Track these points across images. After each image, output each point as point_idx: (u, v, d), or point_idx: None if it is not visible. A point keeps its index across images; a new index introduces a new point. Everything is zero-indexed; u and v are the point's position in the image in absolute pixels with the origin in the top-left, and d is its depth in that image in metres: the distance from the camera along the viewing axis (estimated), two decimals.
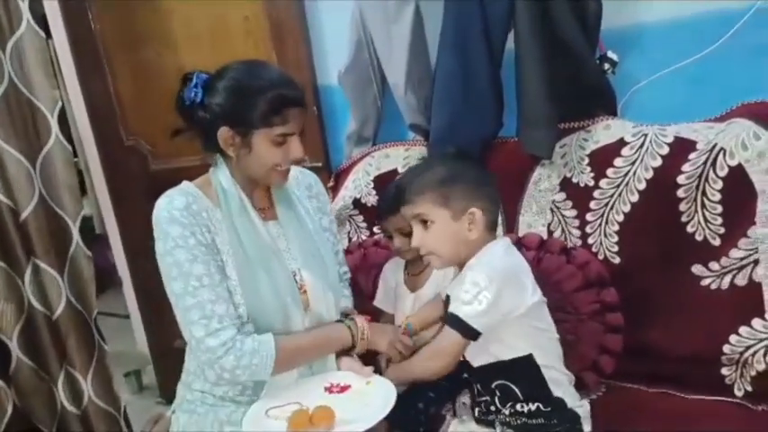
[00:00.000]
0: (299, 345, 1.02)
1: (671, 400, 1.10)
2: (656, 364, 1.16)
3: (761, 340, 1.06)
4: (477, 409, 1.02)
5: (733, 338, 1.08)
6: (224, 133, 0.99)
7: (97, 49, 1.91)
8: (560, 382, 0.96)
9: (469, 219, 0.98)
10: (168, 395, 2.21)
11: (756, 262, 1.07)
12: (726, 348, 1.09)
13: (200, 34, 1.76)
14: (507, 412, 0.96)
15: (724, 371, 1.10)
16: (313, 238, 1.13)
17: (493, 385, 0.97)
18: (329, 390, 1.02)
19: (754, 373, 1.06)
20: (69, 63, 1.98)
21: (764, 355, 1.05)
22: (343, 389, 1.01)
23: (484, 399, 1.00)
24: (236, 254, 1.02)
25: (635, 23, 1.28)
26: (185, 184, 1.07)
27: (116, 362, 1.81)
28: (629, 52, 1.27)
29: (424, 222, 1.00)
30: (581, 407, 0.97)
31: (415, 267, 1.30)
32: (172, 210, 1.00)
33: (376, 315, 1.37)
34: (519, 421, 0.95)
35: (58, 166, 1.59)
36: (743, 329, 1.07)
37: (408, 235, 1.21)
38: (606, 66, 1.26)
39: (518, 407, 0.95)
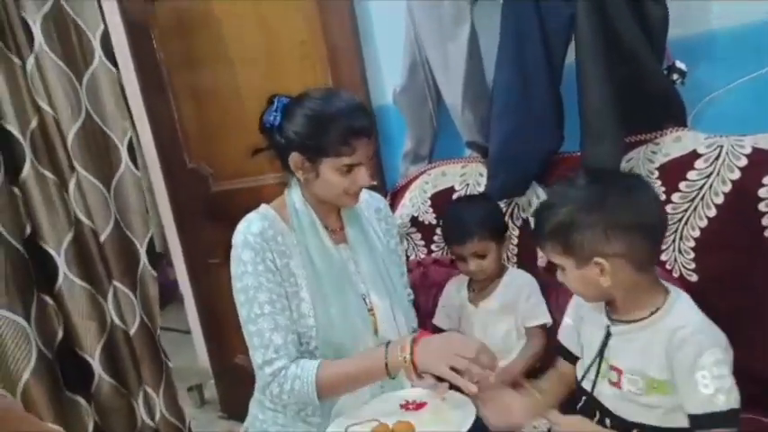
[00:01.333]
0: (341, 371, 1.01)
1: (758, 424, 1.03)
2: (741, 387, 1.09)
3: None
4: None
5: None
6: (295, 158, 1.04)
7: (161, 76, 2.01)
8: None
9: (598, 268, 0.87)
10: (230, 409, 2.27)
11: None
12: None
13: (257, 59, 1.82)
14: None
15: None
16: (382, 260, 1.15)
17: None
18: (405, 407, 1.02)
19: None
20: (136, 91, 2.10)
21: None
22: (419, 406, 1.02)
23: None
24: (308, 276, 1.06)
25: (704, 31, 1.23)
26: (263, 207, 1.12)
27: (178, 376, 1.88)
28: (700, 61, 1.22)
29: (558, 267, 0.93)
30: None
31: (480, 283, 1.30)
32: (248, 234, 1.05)
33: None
34: None
35: (129, 191, 1.69)
36: None
37: (482, 257, 1.24)
38: (675, 76, 1.21)
39: None
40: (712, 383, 0.79)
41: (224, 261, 1.14)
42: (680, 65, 1.20)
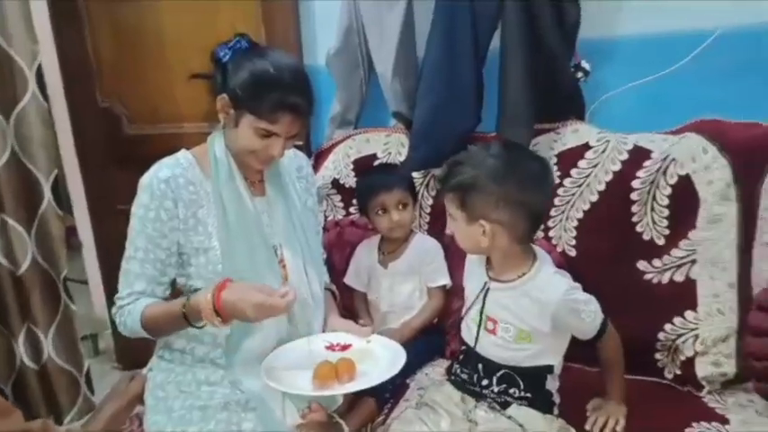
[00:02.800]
0: (157, 311, 1.04)
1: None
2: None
3: (691, 330, 1.20)
4: (460, 378, 1.09)
5: (667, 327, 1.22)
6: (223, 100, 1.05)
7: (76, 2, 1.85)
8: (554, 378, 1.06)
9: (481, 229, 0.99)
10: (125, 360, 2.21)
11: (694, 261, 1.21)
12: (660, 336, 1.23)
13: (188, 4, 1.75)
14: (496, 390, 1.04)
15: (657, 356, 1.24)
16: (299, 216, 1.18)
17: (499, 373, 1.04)
18: (331, 348, 1.07)
19: (683, 358, 1.20)
20: (44, 14, 1.91)
21: (693, 343, 1.19)
22: (345, 347, 1.07)
23: (477, 375, 1.06)
24: (219, 224, 1.07)
25: (608, 37, 1.39)
26: (182, 153, 1.12)
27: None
28: (601, 63, 1.38)
29: (451, 216, 1.05)
30: (558, 396, 1.06)
31: (390, 246, 1.40)
32: (154, 178, 1.06)
33: (348, 293, 1.45)
34: (502, 399, 1.04)
35: (33, 121, 1.56)
36: (677, 320, 1.21)
37: (405, 206, 1.36)
38: (579, 74, 1.36)
39: (510, 390, 1.03)
40: (590, 314, 1.02)
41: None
42: (585, 64, 1.35)
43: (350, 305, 1.47)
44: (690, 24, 1.30)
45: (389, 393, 1.18)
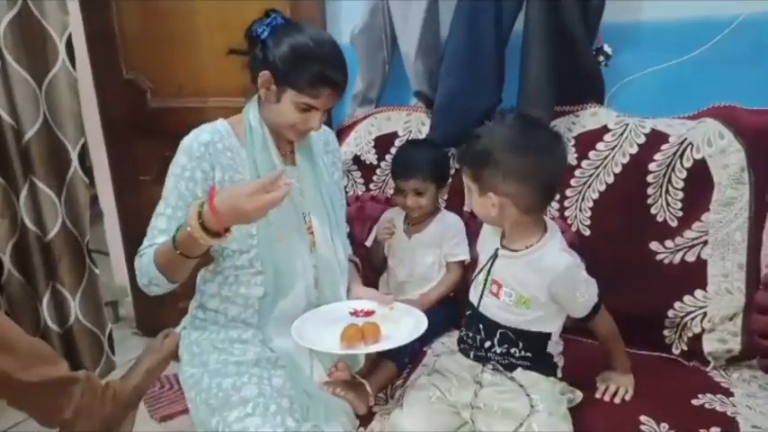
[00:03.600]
0: (162, 251, 1.02)
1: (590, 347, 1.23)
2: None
3: (700, 308, 1.25)
4: (467, 344, 1.14)
5: (677, 305, 1.27)
6: (265, 76, 1.08)
7: None
8: (556, 343, 1.10)
9: (490, 201, 1.03)
10: (145, 326, 2.28)
11: (705, 243, 1.25)
12: (669, 313, 1.27)
13: None
14: (499, 351, 1.08)
15: (665, 332, 1.29)
16: (326, 187, 1.23)
17: (499, 333, 1.08)
18: (356, 314, 1.12)
19: (690, 334, 1.25)
20: None
21: (701, 321, 1.24)
22: (368, 314, 1.12)
23: (480, 337, 1.11)
24: None
25: (631, 21, 1.41)
26: (220, 121, 1.17)
27: None
28: (622, 48, 1.41)
29: (468, 188, 1.09)
30: (561, 359, 1.12)
31: (416, 218, 1.44)
32: (194, 141, 1.10)
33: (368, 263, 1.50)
34: (507, 361, 1.08)
35: (63, 91, 1.61)
36: (686, 298, 1.26)
37: (421, 194, 1.38)
38: (601, 58, 1.39)
39: (512, 350, 1.08)
40: (584, 295, 1.05)
41: (156, 178, 1.16)
42: (607, 48, 1.38)
43: (372, 279, 1.51)
44: (712, 11, 1.32)
45: (408, 358, 1.24)
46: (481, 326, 1.11)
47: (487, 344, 1.10)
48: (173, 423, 1.42)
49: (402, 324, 1.09)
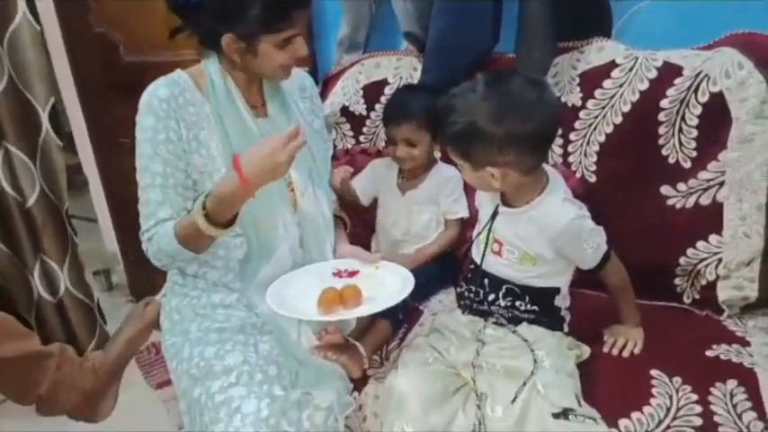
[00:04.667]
0: (184, 227, 0.96)
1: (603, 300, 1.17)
2: None
3: (715, 254, 1.17)
4: (468, 299, 1.08)
5: (690, 252, 1.19)
6: (228, 40, 0.96)
7: None
8: (564, 297, 1.04)
9: (489, 173, 0.94)
10: (138, 293, 2.23)
11: (722, 184, 1.16)
12: (681, 260, 1.20)
13: None
14: (503, 304, 1.02)
15: (677, 280, 1.22)
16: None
17: (504, 288, 1.02)
18: (338, 275, 1.05)
19: (704, 282, 1.18)
20: None
21: (716, 267, 1.16)
22: (352, 273, 1.05)
23: (483, 291, 1.05)
24: (224, 149, 1.02)
25: None
26: (177, 72, 1.05)
27: (84, 261, 1.79)
28: None
29: (456, 164, 1.00)
30: (568, 313, 1.05)
31: (410, 172, 1.33)
32: (153, 98, 1.00)
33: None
34: (510, 314, 1.03)
35: (26, 47, 1.49)
36: (700, 244, 1.18)
37: (413, 145, 1.25)
38: None
39: (517, 303, 1.02)
40: (592, 245, 0.98)
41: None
42: None
43: (363, 236, 1.44)
44: None
45: (403, 315, 1.17)
46: (486, 281, 1.05)
47: (491, 297, 1.04)
48: (170, 389, 1.39)
49: (387, 284, 1.02)
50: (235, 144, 1.02)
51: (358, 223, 1.38)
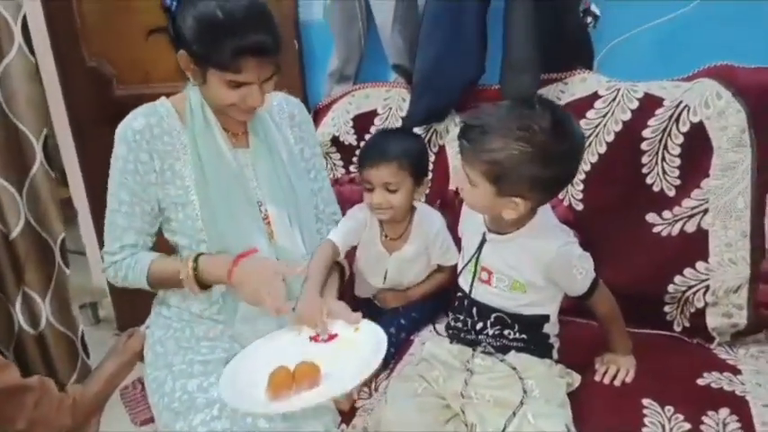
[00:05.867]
0: (161, 273, 1.04)
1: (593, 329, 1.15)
2: None
3: (702, 281, 1.17)
4: (458, 325, 1.06)
5: (677, 279, 1.19)
6: (182, 56, 0.96)
7: None
8: (553, 324, 1.03)
9: (512, 205, 0.92)
10: (126, 328, 2.17)
11: (706, 211, 1.17)
12: (670, 288, 1.20)
13: None
14: (491, 333, 1.01)
15: (666, 308, 1.21)
16: (285, 170, 1.10)
17: (493, 316, 1.01)
18: (315, 339, 0.99)
19: (693, 309, 1.17)
20: None
21: (704, 294, 1.16)
22: (330, 338, 0.99)
23: (471, 320, 1.03)
24: (197, 177, 1.02)
25: None
26: (160, 100, 1.06)
27: (72, 294, 1.76)
28: (610, 7, 1.31)
29: (471, 183, 0.93)
30: (557, 340, 1.04)
31: (392, 229, 1.24)
32: (128, 129, 1.01)
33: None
34: (499, 343, 1.01)
35: (20, 78, 1.50)
36: (687, 271, 1.18)
37: (393, 191, 1.14)
38: (588, 19, 1.30)
39: (506, 332, 1.00)
40: (582, 271, 0.98)
41: None
42: (594, 8, 1.29)
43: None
44: None
45: (394, 348, 1.16)
46: (474, 310, 1.04)
47: (479, 326, 1.03)
48: (155, 426, 1.35)
49: (360, 352, 0.94)
50: (208, 174, 1.01)
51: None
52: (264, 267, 0.97)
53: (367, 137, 1.51)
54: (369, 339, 0.97)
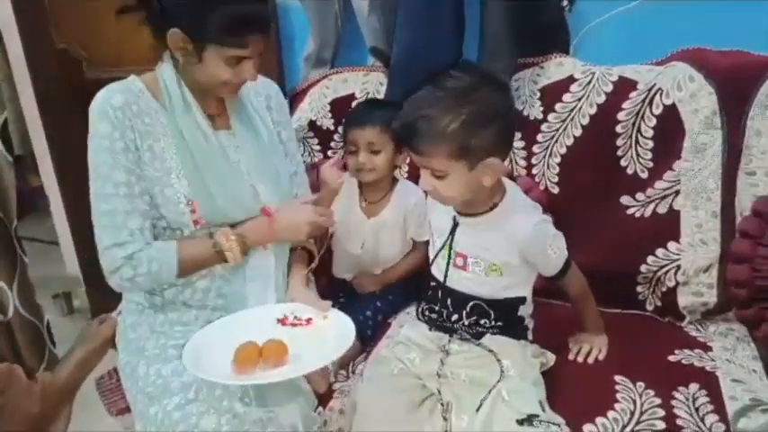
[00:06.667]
0: (196, 252, 0.99)
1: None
2: None
3: (673, 261, 1.19)
4: (433, 316, 1.06)
5: (650, 259, 1.21)
6: (175, 36, 0.93)
7: None
8: (528, 305, 1.03)
9: (489, 169, 0.91)
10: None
11: (678, 192, 1.19)
12: (642, 268, 1.22)
13: None
14: (467, 323, 1.01)
15: (638, 288, 1.24)
16: (267, 151, 1.09)
17: (469, 305, 1.00)
18: (282, 322, 0.98)
19: (664, 289, 1.20)
20: None
21: (675, 274, 1.19)
22: (299, 322, 0.99)
23: (446, 311, 1.03)
24: (184, 161, 0.99)
25: None
26: (132, 78, 1.02)
27: (42, 284, 1.72)
28: None
29: (438, 175, 0.91)
30: (532, 321, 1.05)
31: (372, 194, 1.29)
32: (107, 106, 0.95)
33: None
34: (474, 330, 1.01)
35: None
36: (659, 251, 1.20)
37: (376, 152, 1.22)
38: (564, 3, 1.31)
39: (481, 321, 1.00)
40: (555, 249, 0.99)
41: None
42: None
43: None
44: None
45: (371, 331, 1.16)
46: (449, 300, 1.02)
47: (455, 317, 1.02)
48: (130, 416, 1.33)
49: (326, 338, 0.94)
50: (197, 157, 0.99)
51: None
52: (293, 205, 1.07)
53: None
54: (336, 327, 0.97)
